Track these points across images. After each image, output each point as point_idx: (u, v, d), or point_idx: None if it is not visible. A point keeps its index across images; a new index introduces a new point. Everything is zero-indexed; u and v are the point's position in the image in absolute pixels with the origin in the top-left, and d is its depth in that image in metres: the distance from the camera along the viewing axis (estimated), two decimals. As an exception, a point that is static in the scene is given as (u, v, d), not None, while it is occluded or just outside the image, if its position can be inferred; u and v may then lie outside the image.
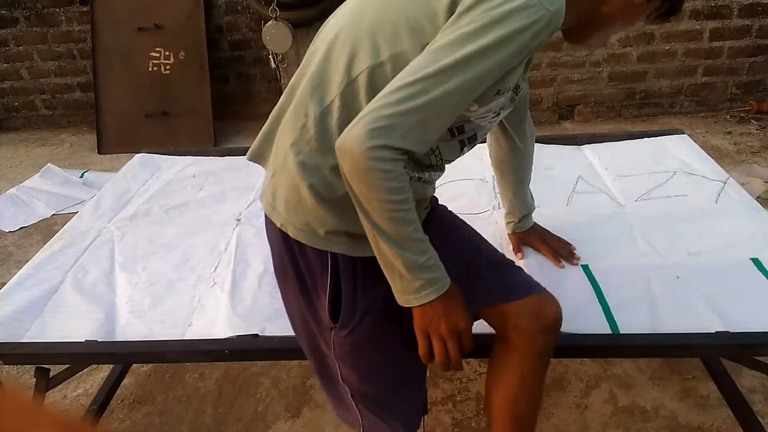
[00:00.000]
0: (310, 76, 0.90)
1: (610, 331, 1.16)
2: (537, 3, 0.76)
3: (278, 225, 0.93)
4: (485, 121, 0.91)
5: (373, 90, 0.83)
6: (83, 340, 1.25)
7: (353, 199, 0.82)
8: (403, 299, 0.88)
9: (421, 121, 0.77)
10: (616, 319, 1.19)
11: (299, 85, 0.93)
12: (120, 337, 1.27)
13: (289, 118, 0.92)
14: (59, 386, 1.55)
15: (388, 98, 0.77)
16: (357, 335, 0.96)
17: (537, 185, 1.71)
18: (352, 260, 0.93)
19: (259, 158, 1.01)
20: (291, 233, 0.92)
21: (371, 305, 0.96)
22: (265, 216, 0.98)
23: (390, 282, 0.88)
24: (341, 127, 0.83)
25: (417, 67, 0.78)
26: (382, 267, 0.87)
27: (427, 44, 0.80)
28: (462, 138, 0.93)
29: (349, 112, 0.85)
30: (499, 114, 0.93)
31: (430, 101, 0.76)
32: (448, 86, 0.76)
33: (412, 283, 0.85)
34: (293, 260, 0.95)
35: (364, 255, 0.91)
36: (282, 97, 0.97)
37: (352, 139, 0.76)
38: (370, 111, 0.77)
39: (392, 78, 0.80)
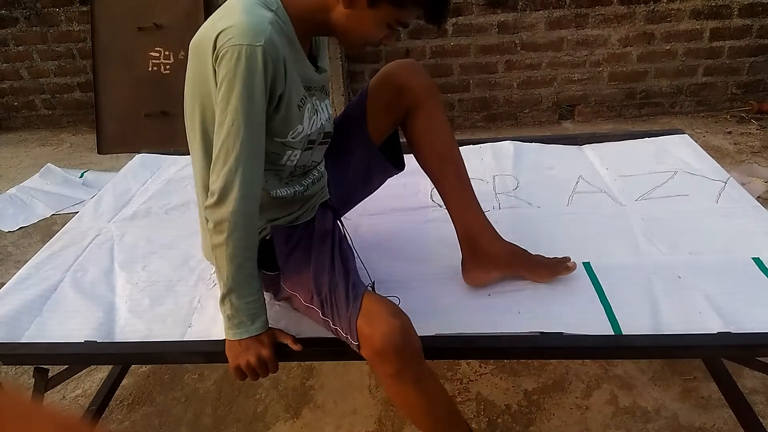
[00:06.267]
0: None
1: (611, 332, 1.15)
2: (240, 46, 0.94)
3: None
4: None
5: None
6: (82, 341, 1.25)
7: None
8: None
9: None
10: (617, 319, 1.18)
11: None
12: (119, 337, 1.27)
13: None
14: (58, 387, 1.55)
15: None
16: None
17: (538, 185, 1.72)
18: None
19: None
20: None
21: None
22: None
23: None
24: None
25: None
26: None
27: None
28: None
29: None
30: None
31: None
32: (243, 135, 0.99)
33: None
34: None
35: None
36: None
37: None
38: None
39: None
